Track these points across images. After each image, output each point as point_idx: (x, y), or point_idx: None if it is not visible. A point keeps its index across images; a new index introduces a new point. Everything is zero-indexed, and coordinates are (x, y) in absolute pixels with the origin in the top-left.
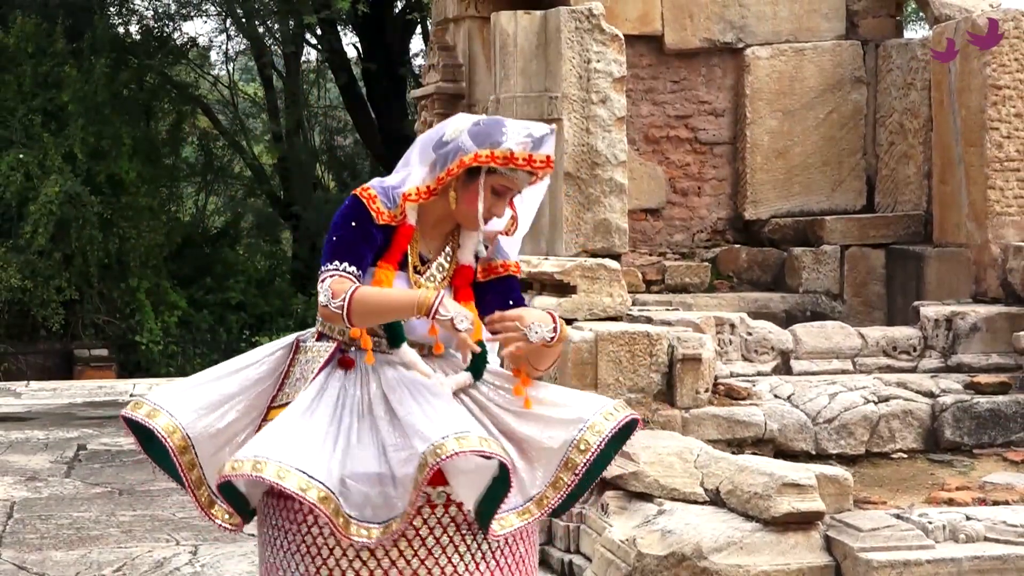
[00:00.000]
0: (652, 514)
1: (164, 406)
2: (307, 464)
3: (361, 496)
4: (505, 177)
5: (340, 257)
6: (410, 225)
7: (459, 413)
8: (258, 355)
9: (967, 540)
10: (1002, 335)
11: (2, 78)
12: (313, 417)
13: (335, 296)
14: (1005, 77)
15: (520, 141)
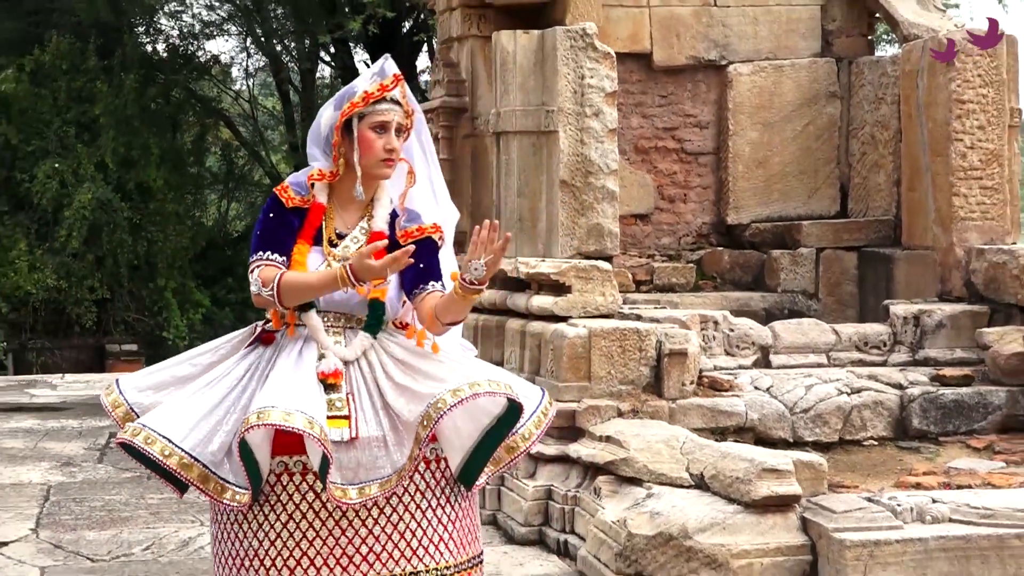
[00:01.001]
0: (641, 497)
1: (160, 432)
2: (176, 432)
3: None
4: (374, 113)
5: (264, 247)
6: (320, 204)
7: (296, 391)
8: (219, 344)
9: (933, 521)
10: (966, 331)
11: (39, 93)
12: (211, 390)
13: (265, 284)
14: (969, 92)
15: (368, 80)
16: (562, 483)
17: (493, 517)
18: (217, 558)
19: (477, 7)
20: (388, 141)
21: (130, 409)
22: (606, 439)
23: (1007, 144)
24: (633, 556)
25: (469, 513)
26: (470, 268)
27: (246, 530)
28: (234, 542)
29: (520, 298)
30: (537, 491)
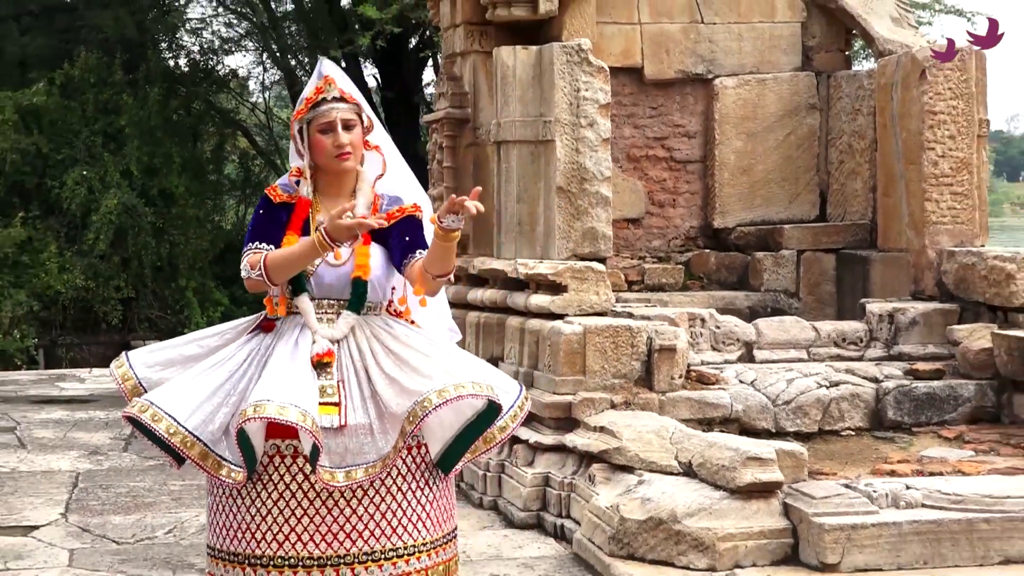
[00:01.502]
0: (633, 484)
1: (166, 411)
2: (181, 412)
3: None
4: (317, 116)
5: (254, 239)
6: (305, 198)
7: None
8: (225, 329)
9: (907, 507)
10: (937, 328)
11: (68, 105)
12: (214, 372)
13: (252, 267)
14: (940, 104)
15: (307, 87)
16: (559, 471)
17: (494, 503)
18: (212, 527)
19: (479, 24)
20: (335, 139)
21: (138, 383)
22: (600, 429)
23: (976, 153)
24: (625, 539)
25: (445, 493)
26: (447, 219)
27: (239, 504)
28: (228, 514)
29: (519, 297)
30: (535, 478)
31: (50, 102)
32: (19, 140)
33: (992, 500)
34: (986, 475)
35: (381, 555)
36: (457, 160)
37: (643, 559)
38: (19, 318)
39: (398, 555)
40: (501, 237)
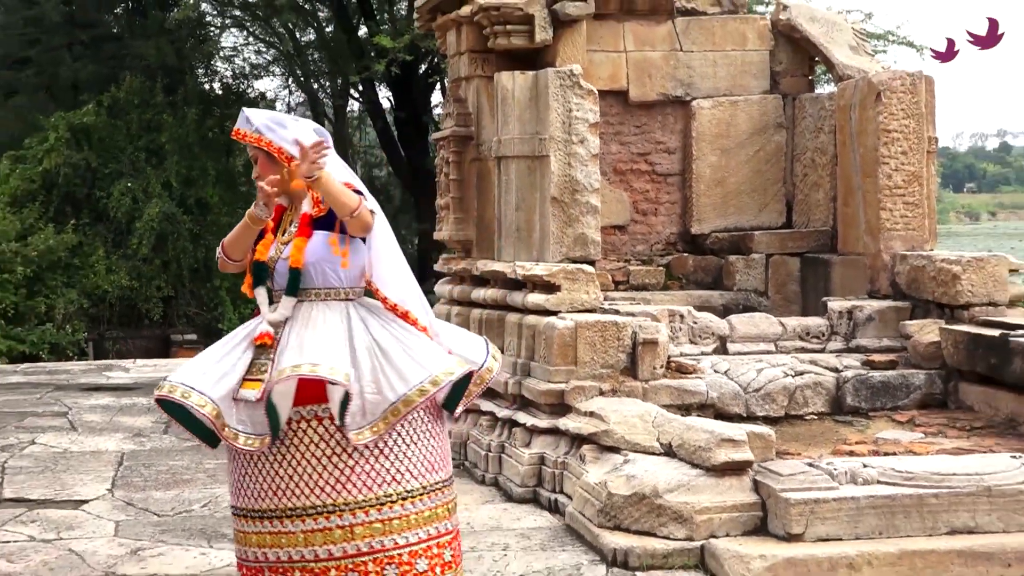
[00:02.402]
0: (619, 463)
1: (194, 386)
2: (197, 382)
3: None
4: (248, 151)
5: None
6: (281, 205)
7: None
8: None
9: (864, 483)
10: (891, 324)
11: (115, 124)
12: (221, 347)
13: (219, 251)
14: (894, 123)
15: None
16: (553, 451)
17: (495, 480)
18: (238, 484)
19: (481, 52)
20: (263, 170)
21: (215, 404)
22: (590, 414)
23: (925, 167)
24: (612, 512)
25: (439, 445)
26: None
27: (265, 463)
28: (255, 474)
29: (517, 296)
30: (532, 458)
31: (99, 121)
32: (71, 155)
33: (940, 477)
34: (935, 455)
35: (386, 499)
36: (462, 173)
37: (628, 530)
38: (71, 314)
39: (400, 498)
40: (501, 242)
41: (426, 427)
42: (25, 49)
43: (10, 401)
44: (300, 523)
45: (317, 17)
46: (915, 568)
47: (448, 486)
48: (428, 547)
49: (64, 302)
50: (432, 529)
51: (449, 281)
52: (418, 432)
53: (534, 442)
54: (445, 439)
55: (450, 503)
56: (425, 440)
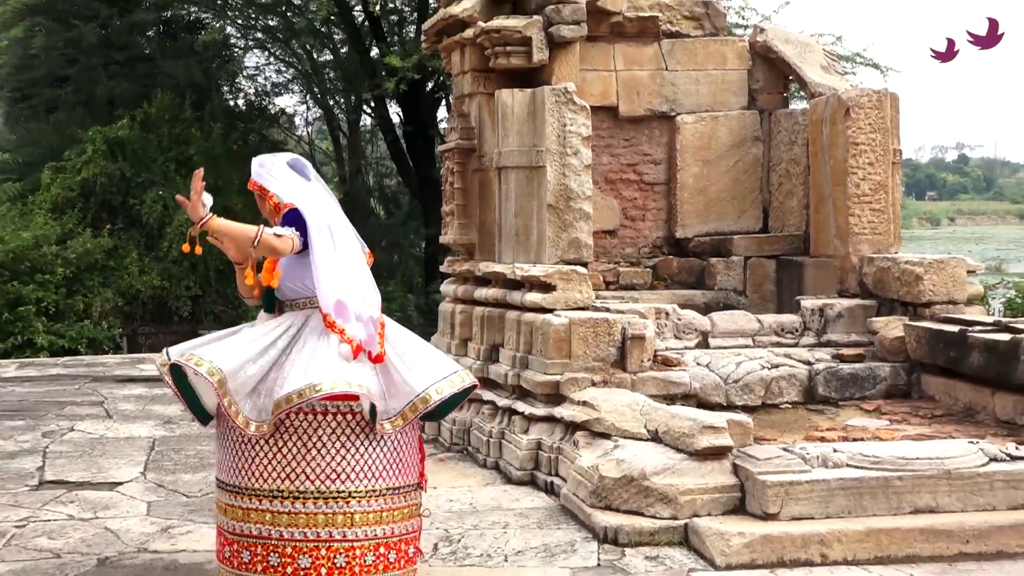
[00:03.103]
0: (610, 448)
1: (207, 357)
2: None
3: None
4: None
5: None
6: None
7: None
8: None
9: (834, 466)
10: (859, 320)
11: (147, 137)
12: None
13: None
14: (861, 136)
15: None
16: (549, 437)
17: (496, 463)
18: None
19: (483, 71)
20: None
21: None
22: (583, 403)
23: (890, 176)
24: (603, 493)
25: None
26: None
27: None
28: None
29: (516, 295)
30: (530, 443)
31: (132, 135)
32: (107, 166)
33: (904, 461)
34: (899, 441)
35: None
36: (466, 182)
37: (618, 510)
38: (107, 312)
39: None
40: (501, 245)
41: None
42: (65, 68)
43: (51, 391)
44: (267, 503)
45: (333, 39)
46: (881, 545)
47: (405, 493)
48: (376, 544)
49: (101, 300)
50: (380, 530)
51: (453, 281)
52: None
53: (532, 429)
54: (404, 450)
55: (404, 508)
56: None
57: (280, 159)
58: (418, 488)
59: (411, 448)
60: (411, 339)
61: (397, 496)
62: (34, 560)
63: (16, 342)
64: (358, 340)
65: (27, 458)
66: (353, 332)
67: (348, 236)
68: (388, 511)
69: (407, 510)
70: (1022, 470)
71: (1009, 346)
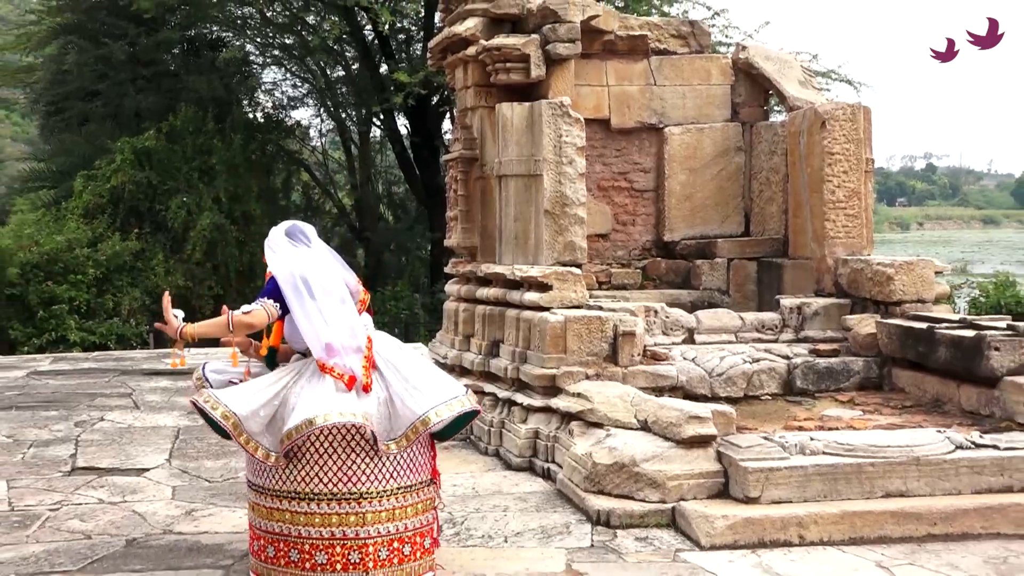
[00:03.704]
0: (602, 437)
1: (223, 401)
2: (236, 405)
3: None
4: None
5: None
6: None
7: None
8: None
9: (811, 454)
10: (834, 318)
11: (172, 148)
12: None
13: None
14: (836, 147)
15: None
16: (546, 426)
17: (496, 451)
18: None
19: (485, 86)
20: None
21: (205, 379)
22: (577, 395)
23: (863, 184)
24: (596, 478)
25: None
26: None
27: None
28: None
29: (515, 294)
30: (528, 432)
31: (158, 145)
32: (135, 175)
33: (876, 448)
34: (872, 430)
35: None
36: (468, 190)
37: (610, 494)
38: (135, 310)
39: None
40: (501, 248)
41: None
42: (95, 84)
43: (83, 384)
44: (287, 503)
45: (345, 56)
46: (855, 526)
47: (417, 490)
48: (390, 540)
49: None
50: (393, 527)
51: (457, 281)
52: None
53: (530, 419)
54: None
55: (417, 504)
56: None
57: (279, 230)
58: (431, 484)
59: (422, 447)
60: (416, 364)
61: (409, 493)
62: (67, 541)
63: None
64: (349, 374)
65: (61, 446)
66: (343, 368)
67: (327, 282)
68: (400, 508)
69: (420, 505)
70: (985, 457)
71: (973, 342)
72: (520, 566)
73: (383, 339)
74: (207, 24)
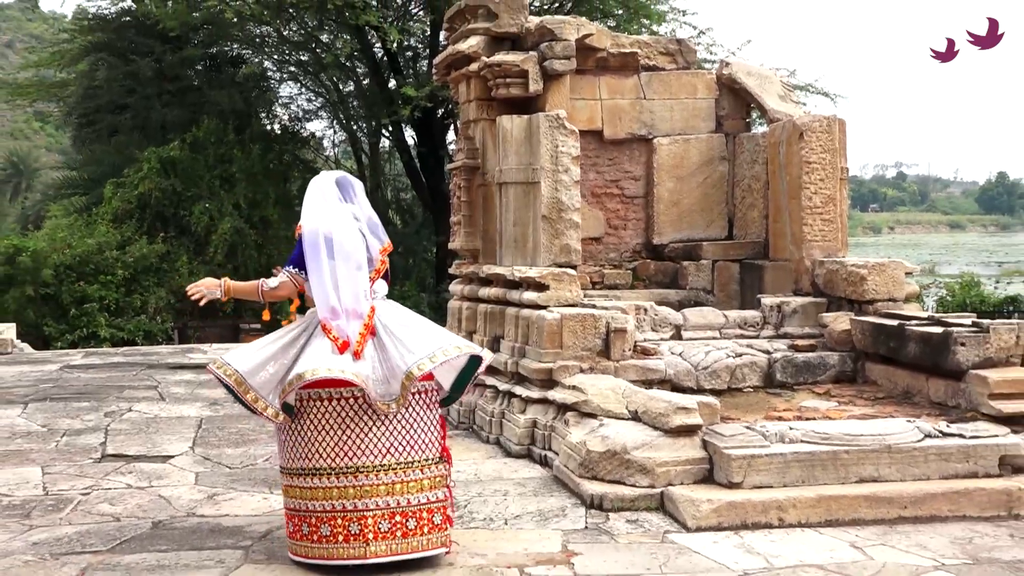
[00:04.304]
0: (596, 426)
1: (226, 360)
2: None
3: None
4: None
5: None
6: None
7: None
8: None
9: (790, 442)
10: (812, 316)
11: (195, 157)
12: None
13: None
14: (813, 156)
15: None
16: (543, 417)
17: (497, 440)
18: (281, 453)
19: (486, 100)
20: None
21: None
22: (572, 387)
23: (839, 191)
24: (590, 465)
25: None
26: None
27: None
28: (286, 439)
29: (515, 293)
30: (527, 422)
31: (182, 155)
32: (160, 182)
33: (850, 437)
34: (846, 419)
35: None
36: (471, 196)
37: (603, 479)
38: (160, 308)
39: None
40: (502, 251)
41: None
42: (124, 98)
43: (112, 377)
44: (296, 480)
45: (356, 72)
46: (830, 510)
47: (422, 466)
48: (392, 513)
49: (155, 298)
50: (394, 500)
51: (460, 281)
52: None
53: (528, 410)
54: (417, 427)
55: (423, 480)
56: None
57: (330, 178)
58: (441, 462)
59: (427, 425)
60: (414, 328)
61: (411, 469)
62: (97, 523)
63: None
64: (344, 338)
65: (91, 435)
66: (340, 332)
67: (349, 246)
68: (402, 483)
69: (427, 482)
70: (952, 445)
71: (941, 338)
72: (519, 546)
73: (388, 307)
74: (228, 42)
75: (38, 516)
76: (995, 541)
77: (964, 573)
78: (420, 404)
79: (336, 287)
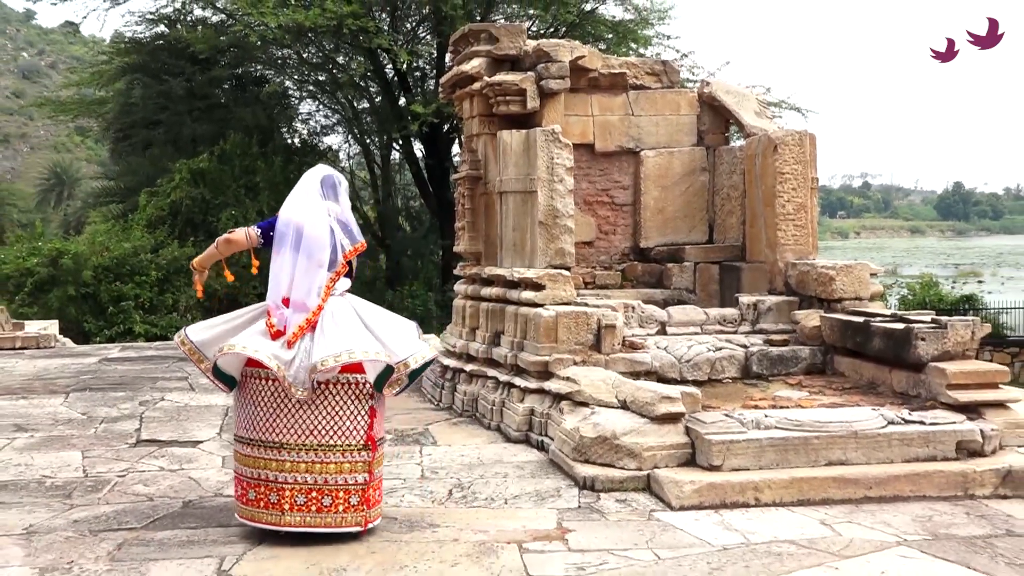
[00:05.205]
0: (588, 414)
1: (184, 330)
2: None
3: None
4: None
5: None
6: None
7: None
8: None
9: (765, 428)
10: (785, 313)
11: (222, 168)
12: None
13: None
14: (787, 168)
15: None
16: (540, 405)
17: (498, 426)
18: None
19: (488, 116)
20: None
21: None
22: (566, 379)
23: (809, 199)
24: (583, 450)
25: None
26: None
27: (237, 405)
28: (234, 409)
29: (514, 293)
30: (525, 410)
31: (210, 166)
32: (190, 191)
33: (820, 424)
34: (816, 408)
35: (318, 446)
36: (474, 204)
37: (594, 463)
38: (190, 306)
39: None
40: (502, 253)
41: (345, 402)
42: (157, 114)
43: (147, 369)
44: (250, 449)
45: (369, 91)
46: (802, 490)
47: (343, 451)
48: (308, 489)
49: (185, 297)
50: (311, 478)
51: (464, 282)
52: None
53: (526, 399)
54: (341, 415)
55: (343, 464)
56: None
57: (316, 177)
58: (365, 449)
59: (352, 414)
60: (348, 322)
61: (331, 452)
62: (132, 503)
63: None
64: (279, 327)
65: (127, 422)
66: (280, 321)
67: (316, 244)
68: (321, 464)
69: (347, 465)
70: (913, 431)
71: (903, 333)
72: (518, 524)
73: (341, 304)
74: (252, 64)
75: (78, 496)
76: (952, 519)
77: (925, 547)
78: (346, 394)
79: (291, 279)
